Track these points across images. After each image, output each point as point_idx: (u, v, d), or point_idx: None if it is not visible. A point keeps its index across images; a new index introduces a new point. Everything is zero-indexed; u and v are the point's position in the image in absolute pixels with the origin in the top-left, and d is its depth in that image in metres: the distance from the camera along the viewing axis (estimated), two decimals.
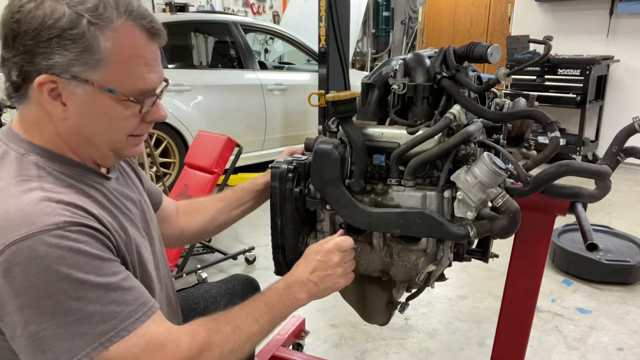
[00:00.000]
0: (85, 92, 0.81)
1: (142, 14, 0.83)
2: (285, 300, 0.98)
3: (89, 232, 0.77)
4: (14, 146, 0.83)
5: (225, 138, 2.67)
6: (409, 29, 8.81)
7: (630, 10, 4.86)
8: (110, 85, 0.81)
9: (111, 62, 0.80)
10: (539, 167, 1.11)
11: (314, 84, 4.61)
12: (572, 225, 2.97)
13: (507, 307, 1.31)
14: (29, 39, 0.77)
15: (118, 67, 0.81)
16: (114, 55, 0.80)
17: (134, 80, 0.83)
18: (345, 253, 1.02)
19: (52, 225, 0.73)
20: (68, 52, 0.77)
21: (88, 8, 0.78)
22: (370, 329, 2.22)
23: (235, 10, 7.92)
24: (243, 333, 0.90)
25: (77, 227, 0.75)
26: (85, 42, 0.77)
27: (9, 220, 0.73)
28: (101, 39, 0.78)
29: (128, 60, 0.82)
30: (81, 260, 0.74)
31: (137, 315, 0.79)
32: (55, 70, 0.78)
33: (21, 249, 0.71)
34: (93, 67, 0.79)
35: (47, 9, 0.76)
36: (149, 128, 0.93)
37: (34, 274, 0.71)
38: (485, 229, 0.99)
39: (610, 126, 5.17)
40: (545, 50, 1.14)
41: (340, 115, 1.05)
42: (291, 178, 1.11)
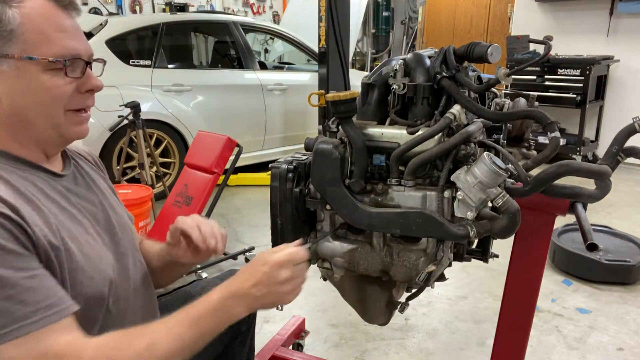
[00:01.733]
0: (9, 67, 0.82)
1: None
2: (218, 313, 0.86)
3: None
4: None
5: (225, 138, 2.67)
6: (409, 29, 8.81)
7: (630, 10, 4.86)
8: (29, 53, 0.82)
9: (25, 32, 0.81)
10: (539, 167, 1.11)
11: (314, 84, 4.61)
12: (572, 225, 2.97)
13: (507, 307, 1.31)
14: None
15: (33, 35, 0.82)
16: (26, 24, 0.81)
17: (52, 46, 0.84)
18: (297, 267, 0.89)
19: None
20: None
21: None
22: (370, 329, 2.22)
23: (235, 10, 7.92)
24: (160, 351, 0.80)
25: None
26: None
27: None
28: (8, 12, 0.80)
29: (41, 28, 0.83)
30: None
31: (35, 318, 0.73)
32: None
33: None
34: (9, 40, 0.81)
35: None
36: (87, 100, 0.91)
37: None
38: (485, 229, 0.99)
39: (610, 126, 5.17)
40: (545, 50, 1.14)
41: (340, 115, 1.05)
42: (291, 178, 1.11)
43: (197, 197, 2.61)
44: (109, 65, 1.01)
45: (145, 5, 6.75)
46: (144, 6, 6.74)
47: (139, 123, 3.20)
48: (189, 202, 2.63)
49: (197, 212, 2.59)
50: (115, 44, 3.96)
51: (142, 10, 6.72)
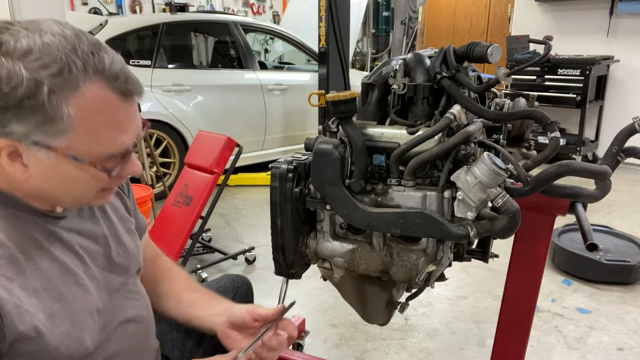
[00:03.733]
0: (49, 158, 0.73)
1: (116, 74, 0.74)
2: None
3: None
4: None
5: (225, 138, 2.67)
6: (409, 29, 8.81)
7: (630, 10, 4.86)
8: (75, 152, 0.74)
9: (77, 129, 0.72)
10: (539, 167, 1.11)
11: (314, 84, 4.61)
12: (572, 225, 2.97)
13: (507, 307, 1.31)
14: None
15: (84, 134, 0.73)
16: (79, 122, 0.71)
17: (103, 146, 0.76)
18: None
19: None
20: (27, 122, 0.69)
21: (51, 74, 0.68)
22: (370, 329, 2.22)
23: (235, 10, 7.92)
24: None
25: None
26: (45, 113, 0.69)
27: None
28: (64, 108, 0.70)
29: (96, 125, 0.74)
30: None
31: None
32: (13, 137, 0.70)
33: None
34: (56, 135, 0.71)
35: (3, 72, 0.67)
36: (121, 181, 0.86)
37: None
38: (485, 229, 0.99)
39: (610, 126, 5.17)
40: (545, 50, 1.14)
41: (340, 115, 1.05)
42: (291, 178, 1.11)
43: (197, 197, 2.61)
44: None
45: (145, 5, 6.75)
46: (144, 6, 6.74)
47: None
48: (189, 202, 2.63)
49: (197, 212, 2.59)
50: (115, 44, 3.96)
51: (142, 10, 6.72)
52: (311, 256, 1.19)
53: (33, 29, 0.71)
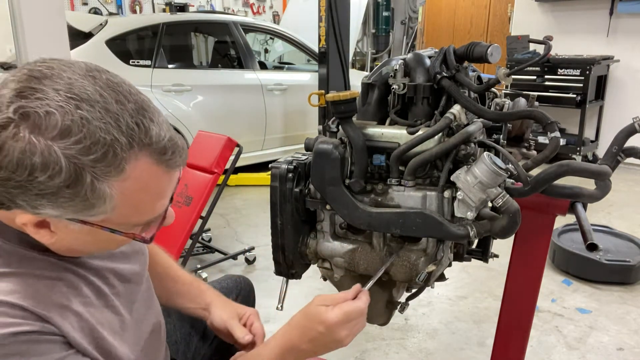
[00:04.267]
0: (81, 229, 0.68)
1: (164, 147, 0.66)
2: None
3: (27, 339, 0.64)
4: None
5: (225, 138, 2.67)
6: (409, 29, 8.81)
7: (630, 10, 4.86)
8: (112, 225, 0.69)
9: (116, 206, 0.66)
10: (539, 167, 1.11)
11: (314, 84, 4.61)
12: (572, 225, 2.97)
13: (507, 307, 1.31)
14: (13, 187, 0.60)
15: (125, 209, 0.67)
16: (121, 201, 0.65)
17: (142, 216, 0.71)
18: (355, 322, 0.89)
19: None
20: (63, 208, 0.63)
21: (94, 159, 0.60)
22: (370, 329, 2.22)
23: (235, 10, 7.92)
24: None
25: (11, 337, 0.63)
26: (85, 199, 0.63)
27: None
28: (107, 191, 0.63)
29: (139, 201, 0.68)
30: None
31: None
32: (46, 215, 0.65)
33: None
34: (92, 215, 0.66)
35: (38, 159, 0.58)
36: None
37: None
38: (485, 229, 0.99)
39: (610, 126, 5.17)
40: (545, 50, 1.14)
41: (340, 115, 1.05)
42: (291, 178, 1.11)
43: (197, 197, 2.61)
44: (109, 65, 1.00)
45: (145, 5, 6.75)
46: (144, 6, 6.74)
47: None
48: (189, 202, 2.63)
49: (197, 212, 2.59)
50: (115, 44, 3.96)
51: (142, 10, 6.72)
52: (311, 256, 1.19)
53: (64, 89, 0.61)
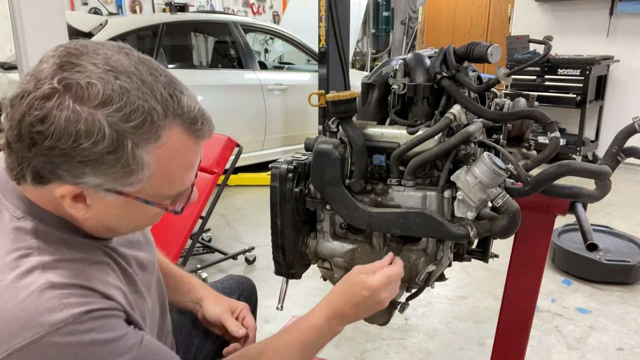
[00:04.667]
0: (117, 200, 0.71)
1: (194, 117, 0.71)
2: (323, 337, 0.93)
3: (99, 315, 0.68)
4: (9, 205, 0.72)
5: (225, 138, 2.67)
6: (409, 29, 8.81)
7: (630, 10, 4.86)
8: (146, 196, 0.72)
9: (153, 175, 0.69)
10: (539, 167, 1.11)
11: (314, 84, 4.61)
12: (572, 225, 2.97)
13: (507, 307, 1.31)
14: (57, 156, 0.64)
15: (159, 179, 0.71)
16: (156, 170, 0.69)
17: (174, 187, 0.75)
18: (393, 284, 0.96)
19: (60, 322, 0.64)
20: (104, 175, 0.66)
21: (134, 126, 0.64)
22: (370, 329, 2.22)
23: (235, 10, 7.92)
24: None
25: (87, 315, 0.66)
26: (126, 165, 0.66)
27: (10, 322, 0.63)
28: (145, 158, 0.67)
29: (171, 170, 0.72)
30: (96, 350, 0.67)
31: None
32: (84, 185, 0.68)
33: (29, 353, 0.62)
34: (130, 184, 0.69)
35: (82, 126, 0.62)
36: None
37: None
38: (485, 229, 0.99)
39: (610, 126, 5.17)
40: (545, 50, 1.14)
41: (340, 115, 1.05)
42: (291, 178, 1.11)
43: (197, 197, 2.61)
44: None
45: (145, 5, 6.75)
46: (144, 6, 6.74)
47: None
48: None
49: (197, 212, 2.59)
50: None
51: (142, 10, 6.72)
52: (311, 256, 1.19)
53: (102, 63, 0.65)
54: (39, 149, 0.64)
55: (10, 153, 0.68)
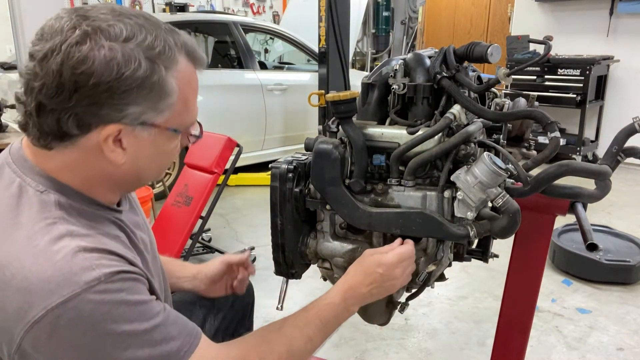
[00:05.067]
0: (149, 134, 0.78)
1: (193, 47, 0.81)
2: (340, 315, 0.95)
3: (128, 277, 0.73)
4: (31, 181, 0.76)
5: (225, 138, 2.67)
6: (409, 29, 8.81)
7: (630, 10, 4.86)
8: (174, 124, 0.80)
9: (177, 102, 0.78)
10: (539, 167, 1.11)
11: (314, 84, 4.61)
12: (572, 225, 2.97)
13: (507, 307, 1.31)
14: (102, 92, 0.70)
15: (181, 106, 0.79)
16: (179, 95, 0.78)
17: (190, 114, 0.83)
18: (407, 261, 1.00)
19: (94, 280, 0.69)
20: (145, 100, 0.74)
21: (158, 53, 0.74)
22: (370, 329, 2.22)
23: (235, 10, 7.92)
24: (297, 354, 0.87)
25: (117, 275, 0.71)
26: (161, 88, 0.74)
27: (45, 281, 0.67)
28: (172, 82, 0.76)
29: (188, 98, 0.81)
30: (126, 310, 0.71)
31: (186, 348, 0.77)
32: (126, 120, 0.74)
33: (65, 310, 0.67)
34: (163, 111, 0.77)
35: (120, 58, 0.70)
36: None
37: (81, 335, 0.68)
38: (485, 229, 0.99)
39: (610, 126, 5.17)
40: (545, 50, 1.14)
41: (340, 115, 1.05)
42: (291, 178, 1.11)
43: (197, 197, 2.61)
44: None
45: (145, 5, 6.75)
46: (144, 6, 6.74)
47: None
48: (189, 202, 2.63)
49: (197, 212, 2.59)
50: None
51: None
52: (311, 256, 1.19)
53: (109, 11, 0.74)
54: (84, 92, 0.70)
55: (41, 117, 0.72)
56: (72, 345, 0.68)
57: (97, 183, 0.80)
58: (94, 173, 0.79)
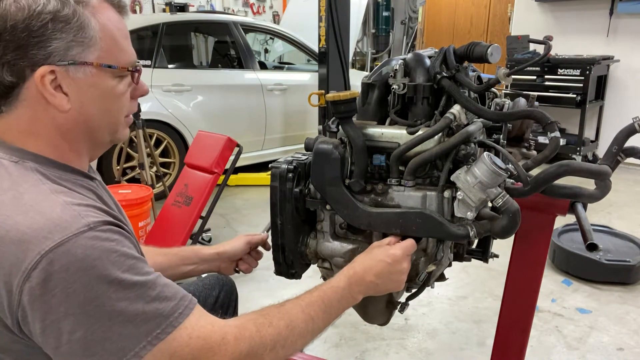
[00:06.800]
0: (85, 75, 0.80)
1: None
2: (343, 300, 0.95)
3: (117, 230, 0.75)
4: (2, 155, 0.79)
5: (225, 138, 2.67)
6: (409, 29, 8.81)
7: (630, 10, 4.86)
8: (107, 61, 0.82)
9: (102, 38, 0.81)
10: (539, 167, 1.11)
11: (314, 84, 4.61)
12: (572, 225, 2.97)
13: (507, 307, 1.31)
14: (20, 32, 0.75)
15: (108, 42, 0.82)
16: (102, 31, 0.81)
17: (124, 53, 0.85)
18: (410, 255, 1.02)
19: (84, 226, 0.71)
20: (64, 34, 0.77)
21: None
22: (370, 329, 2.22)
23: (235, 10, 7.92)
24: (297, 330, 0.86)
25: (106, 225, 0.74)
26: (77, 21, 0.77)
27: (38, 230, 0.70)
28: (89, 16, 0.79)
29: (114, 34, 0.83)
30: (117, 259, 0.72)
31: (180, 310, 0.77)
32: (54, 59, 0.77)
33: (58, 255, 0.69)
34: (88, 46, 0.79)
35: None
36: (135, 106, 0.94)
37: (74, 279, 0.69)
38: (485, 229, 0.99)
39: (610, 126, 5.17)
40: (545, 50, 1.14)
41: (340, 115, 1.05)
42: (291, 178, 1.11)
43: (197, 197, 2.62)
44: None
45: (145, 5, 6.75)
46: (144, 6, 6.74)
47: (139, 123, 3.20)
48: (189, 202, 2.63)
49: (197, 212, 2.59)
50: None
51: (142, 10, 6.72)
52: (311, 256, 1.19)
53: None
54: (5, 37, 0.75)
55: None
56: (65, 296, 0.69)
57: (58, 143, 0.83)
58: (49, 129, 0.81)
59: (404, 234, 1.05)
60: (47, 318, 0.70)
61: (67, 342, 0.70)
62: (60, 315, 0.69)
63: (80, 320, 0.70)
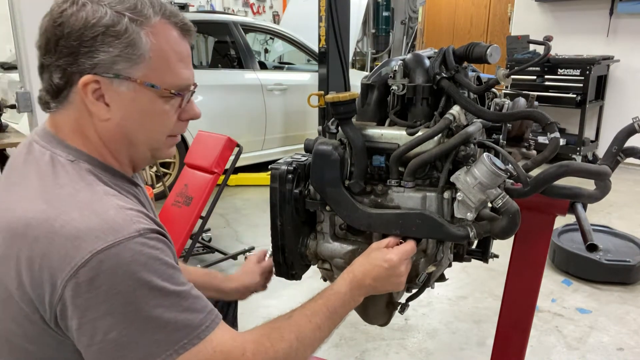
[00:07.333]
0: (128, 89, 0.82)
1: (175, 13, 0.87)
2: (346, 304, 0.99)
3: (162, 239, 0.78)
4: (60, 152, 0.83)
5: (225, 138, 2.67)
6: (409, 29, 8.81)
7: (630, 10, 4.86)
8: (152, 80, 0.83)
9: (152, 57, 0.82)
10: (539, 167, 1.11)
11: (314, 84, 4.61)
12: (572, 225, 2.97)
13: (507, 307, 1.31)
14: (73, 40, 0.79)
15: (158, 62, 0.83)
16: (154, 50, 0.82)
17: (173, 76, 0.86)
18: (409, 259, 1.03)
19: (135, 232, 0.74)
20: (112, 48, 0.79)
21: (127, 7, 0.81)
22: (370, 329, 2.22)
23: (235, 10, 7.92)
24: (306, 341, 0.90)
25: (154, 234, 0.77)
26: (127, 37, 0.80)
27: (92, 229, 0.73)
28: (142, 34, 0.81)
29: (167, 55, 0.84)
30: (160, 267, 0.75)
31: (207, 323, 0.79)
32: (99, 70, 0.80)
33: (109, 256, 0.71)
34: (136, 63, 0.81)
35: (89, 11, 0.79)
36: (184, 128, 0.95)
37: (120, 281, 0.71)
38: (485, 229, 0.99)
39: (610, 126, 5.17)
40: (545, 51, 1.14)
41: (339, 116, 1.05)
42: (291, 179, 1.11)
43: (197, 197, 2.62)
44: None
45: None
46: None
47: None
48: (189, 202, 2.63)
49: (197, 212, 2.59)
50: None
51: None
52: (311, 257, 1.19)
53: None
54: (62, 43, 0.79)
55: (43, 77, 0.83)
56: (108, 296, 0.71)
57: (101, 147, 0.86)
58: (92, 133, 0.85)
59: (403, 235, 1.05)
60: (86, 315, 0.72)
61: (100, 342, 0.73)
62: (99, 314, 0.72)
63: (117, 321, 0.72)
